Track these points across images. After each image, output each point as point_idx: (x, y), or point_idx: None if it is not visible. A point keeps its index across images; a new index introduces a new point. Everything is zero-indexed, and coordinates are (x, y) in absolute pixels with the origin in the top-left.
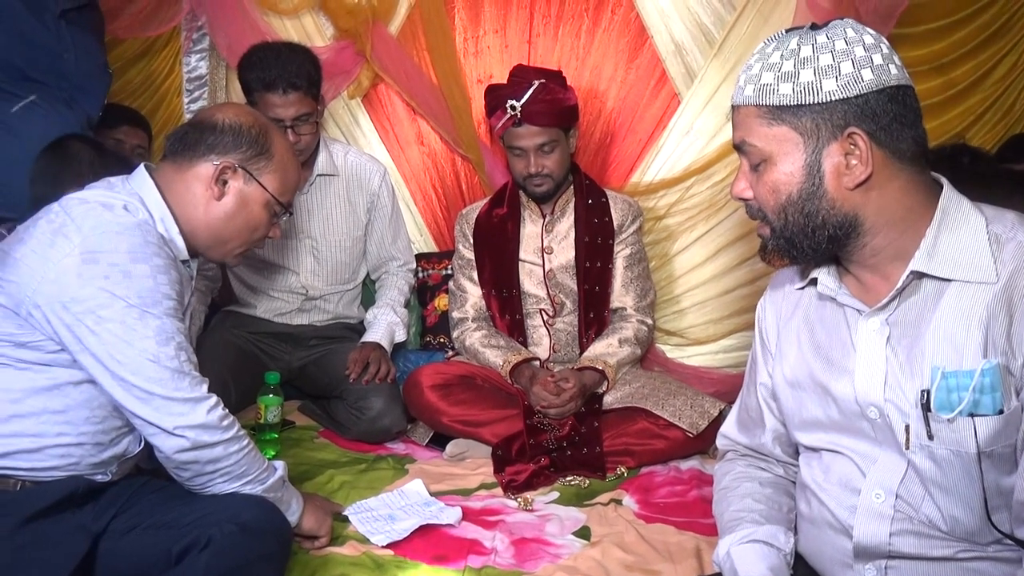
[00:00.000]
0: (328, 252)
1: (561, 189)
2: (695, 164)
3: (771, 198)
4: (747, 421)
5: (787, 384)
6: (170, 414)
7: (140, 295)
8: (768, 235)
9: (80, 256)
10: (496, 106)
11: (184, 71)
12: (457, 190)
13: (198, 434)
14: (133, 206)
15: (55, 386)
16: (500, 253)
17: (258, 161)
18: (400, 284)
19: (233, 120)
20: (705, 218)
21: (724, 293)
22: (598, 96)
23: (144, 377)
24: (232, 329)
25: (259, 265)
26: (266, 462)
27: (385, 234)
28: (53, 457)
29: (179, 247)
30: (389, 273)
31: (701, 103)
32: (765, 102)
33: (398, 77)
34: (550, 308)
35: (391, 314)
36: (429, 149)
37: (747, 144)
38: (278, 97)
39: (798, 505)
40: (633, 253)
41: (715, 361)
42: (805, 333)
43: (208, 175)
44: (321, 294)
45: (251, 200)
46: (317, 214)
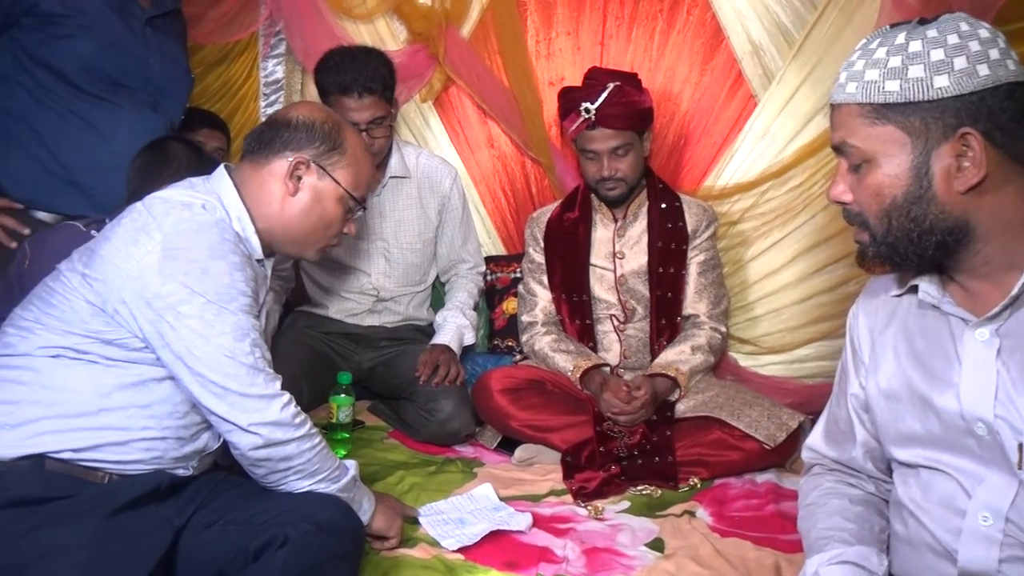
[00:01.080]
0: (399, 254)
1: (634, 193)
2: (771, 168)
3: (873, 202)
4: (836, 434)
5: (882, 395)
6: (244, 410)
7: (217, 291)
8: (867, 241)
9: (161, 253)
10: (570, 109)
11: (261, 75)
12: (527, 193)
13: (271, 431)
14: (211, 205)
15: (140, 382)
16: (571, 257)
17: (331, 156)
18: (469, 287)
19: (306, 116)
20: (781, 223)
21: (800, 301)
22: (672, 99)
23: (220, 373)
24: (305, 329)
25: (332, 266)
26: (338, 461)
27: (455, 236)
28: (139, 451)
29: (254, 246)
30: (458, 276)
31: (778, 106)
32: (869, 100)
33: (470, 80)
34: (621, 314)
35: (460, 317)
36: (499, 152)
37: (848, 145)
38: (353, 101)
39: (892, 525)
40: (707, 259)
41: (790, 371)
42: (903, 343)
43: (283, 171)
44: (392, 295)
45: (325, 195)
46: (389, 216)
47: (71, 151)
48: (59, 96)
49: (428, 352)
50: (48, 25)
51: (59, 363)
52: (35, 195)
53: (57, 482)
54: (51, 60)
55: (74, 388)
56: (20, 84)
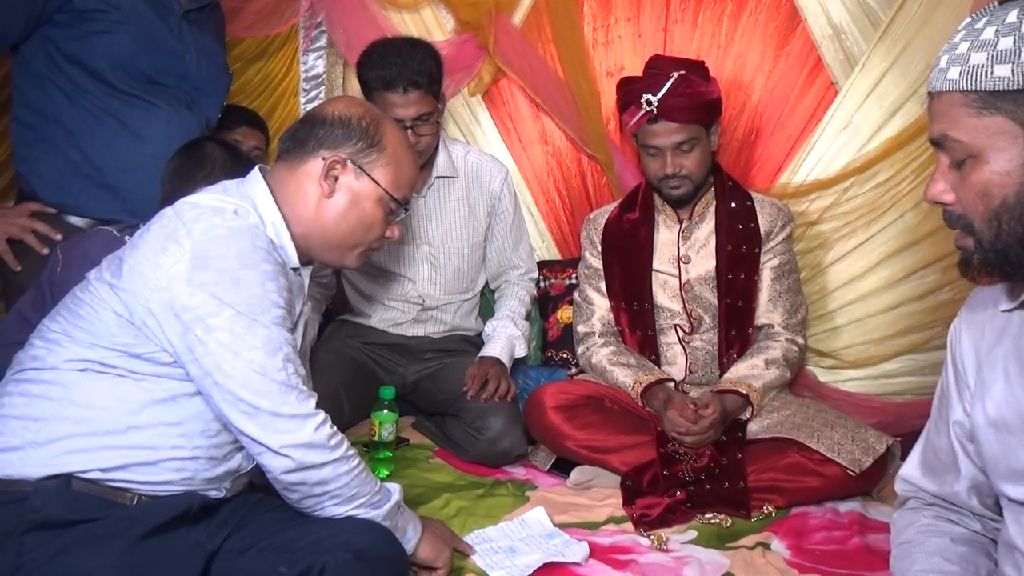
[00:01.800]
0: (446, 259)
1: (700, 191)
2: (854, 163)
3: (979, 202)
4: (935, 464)
5: (990, 425)
6: (276, 431)
7: (248, 302)
8: (972, 247)
9: (190, 262)
10: (629, 101)
11: (301, 70)
12: (583, 193)
13: (304, 453)
14: (243, 210)
15: (171, 398)
16: (631, 262)
17: (369, 154)
18: (521, 294)
19: (342, 112)
20: (865, 224)
21: (887, 310)
22: (742, 88)
23: (251, 390)
24: (346, 339)
25: (374, 272)
26: (379, 484)
27: (506, 240)
28: (169, 471)
29: (289, 254)
30: (509, 282)
31: (862, 94)
32: (975, 87)
33: (522, 71)
34: (686, 324)
35: (511, 327)
36: (553, 148)
37: (949, 138)
38: (398, 96)
39: (1002, 568)
40: (782, 263)
41: (875, 387)
42: (1015, 364)
43: (318, 171)
44: (438, 304)
45: (363, 196)
46: (435, 219)
47: (105, 152)
48: (93, 95)
49: (476, 365)
50: (82, 21)
51: (87, 377)
52: (68, 199)
53: (84, 503)
54: (85, 57)
55: (102, 405)
56: (54, 83)
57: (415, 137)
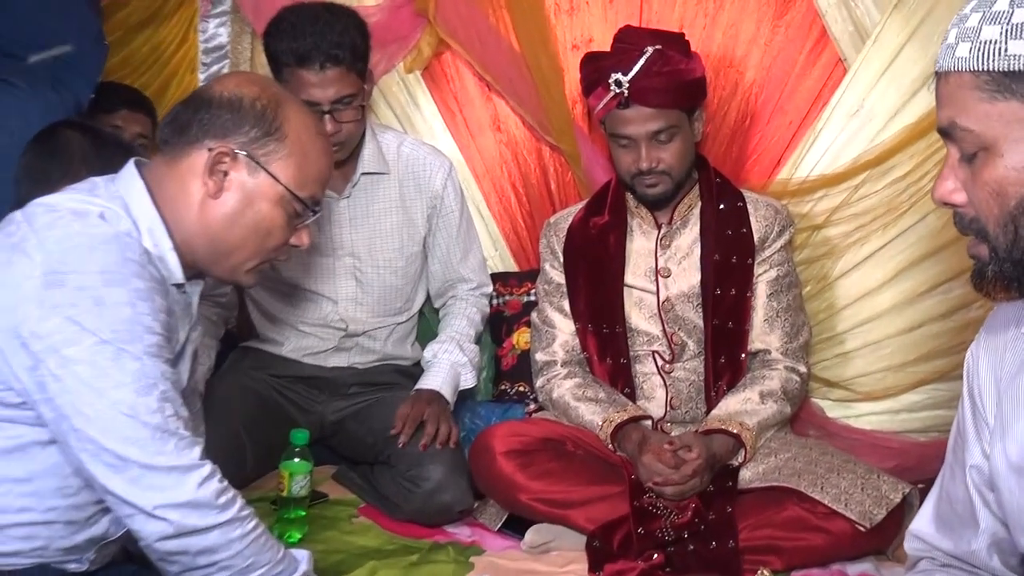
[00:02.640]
0: (375, 274)
1: (682, 190)
2: (867, 155)
3: (994, 203)
4: (950, 518)
5: (1011, 470)
6: (149, 488)
7: (115, 328)
8: (986, 256)
9: (42, 278)
10: (596, 81)
11: (200, 40)
12: (544, 190)
13: (184, 515)
14: (112, 213)
15: (18, 448)
16: (600, 276)
17: (265, 144)
18: (470, 312)
19: (233, 92)
20: (881, 228)
21: (908, 330)
22: (733, 65)
23: (117, 437)
24: (250, 371)
25: (285, 291)
26: (282, 551)
27: (452, 249)
28: (15, 539)
29: (171, 266)
30: (457, 298)
31: (875, 72)
32: (987, 67)
33: (469, 43)
34: (666, 350)
35: (456, 352)
36: (508, 137)
37: (959, 127)
38: (314, 74)
39: None
40: (780, 276)
41: (895, 424)
42: None
43: (202, 165)
44: (365, 329)
45: (258, 196)
46: (362, 224)
47: None
48: None
49: (410, 401)
50: None
51: None
52: None
53: None
54: None
55: None
56: None
57: (334, 125)
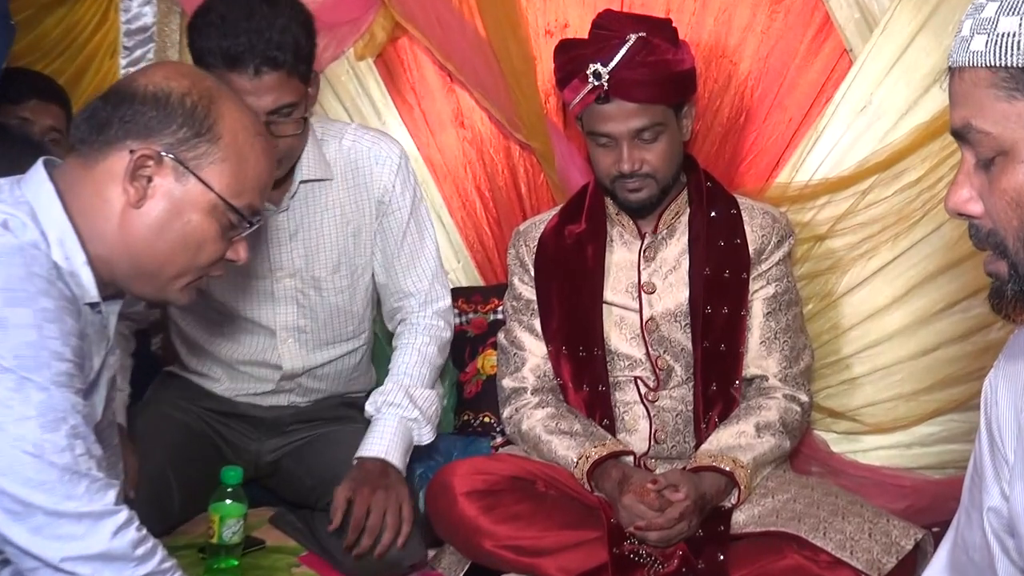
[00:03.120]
0: (319, 296)
1: (669, 195)
2: (875, 157)
3: (1013, 214)
4: (966, 567)
5: None
6: (56, 538)
7: (18, 354)
8: (1005, 273)
9: None
10: (572, 72)
11: (122, 20)
12: (513, 195)
13: (96, 569)
14: (17, 222)
15: None
16: (576, 291)
17: (196, 146)
18: (423, 345)
19: (160, 86)
20: (891, 239)
21: (921, 354)
22: (726, 55)
23: (19, 479)
24: (178, 400)
25: (213, 319)
26: None
27: (395, 253)
28: None
29: (84, 283)
30: (408, 324)
31: (885, 64)
32: (1005, 62)
33: (428, 27)
34: (651, 376)
35: (405, 403)
36: (472, 133)
37: (974, 129)
38: (247, 80)
39: None
40: (779, 293)
41: (907, 459)
42: None
43: (122, 170)
44: (307, 365)
45: (187, 205)
46: (303, 238)
47: None
48: None
49: (351, 483)
50: None
51: None
52: None
53: None
54: None
55: None
56: None
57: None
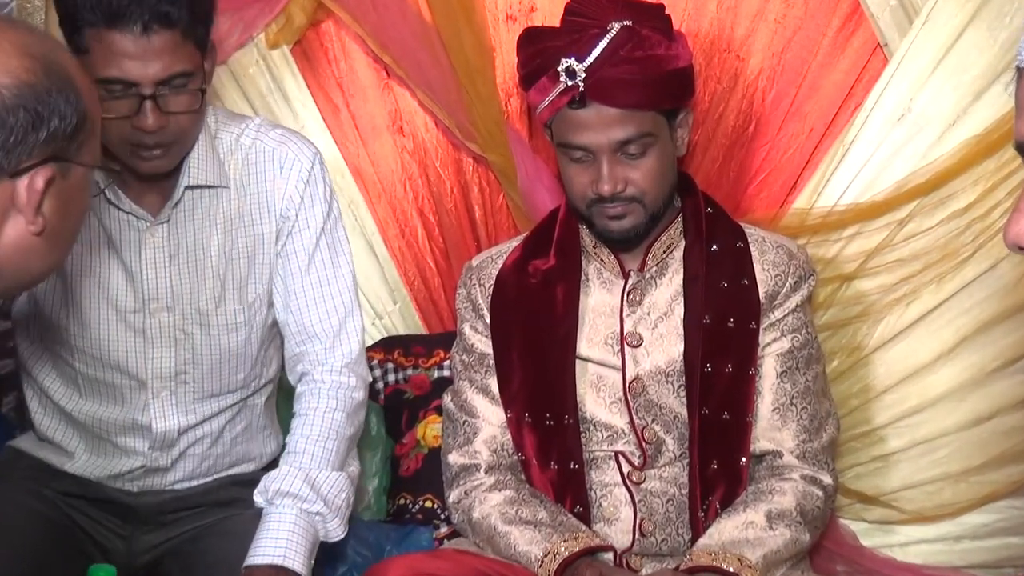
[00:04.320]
0: (204, 335)
1: (659, 224)
2: (916, 177)
3: None
4: None
5: None
6: None
7: None
8: None
9: None
10: (540, 68)
11: None
12: (465, 220)
13: None
14: None
15: None
16: (542, 344)
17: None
18: (325, 411)
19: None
20: (936, 279)
21: (973, 423)
22: (732, 49)
23: None
24: (29, 483)
25: (68, 366)
26: None
27: (302, 281)
28: None
29: None
30: (310, 381)
31: (928, 62)
32: None
33: (360, 10)
34: (636, 451)
35: (307, 494)
36: (414, 143)
37: None
38: (132, 40)
39: None
40: (796, 347)
41: (955, 555)
42: None
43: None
44: (188, 425)
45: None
46: (187, 261)
47: None
48: None
49: None
50: None
51: None
52: None
53: None
54: None
55: None
56: None
57: (159, 117)
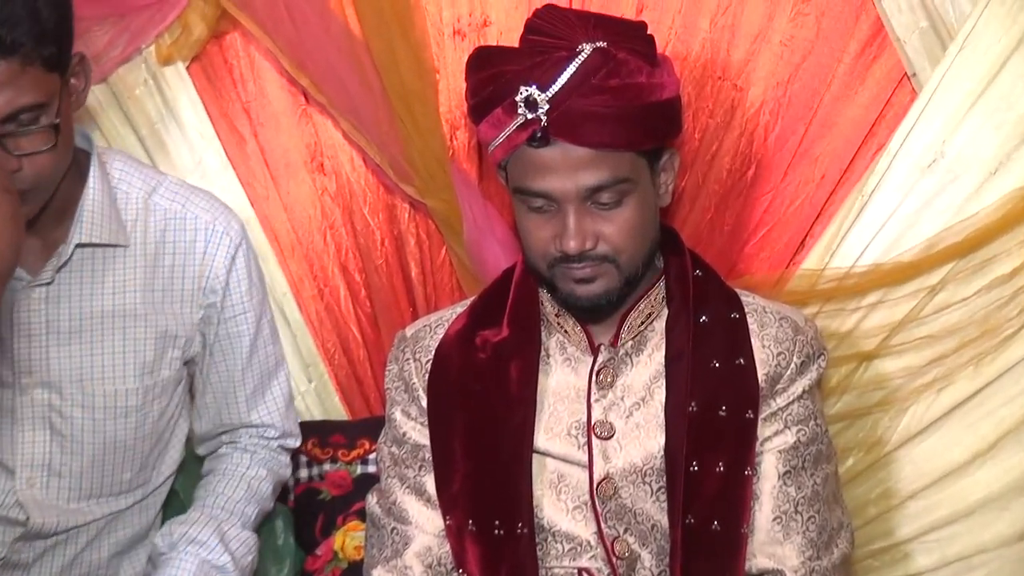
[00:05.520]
0: (87, 420)
1: (638, 290)
2: (950, 235)
3: None
4: None
5: None
6: None
7: None
8: None
9: None
10: (494, 97)
11: None
12: (398, 279)
13: None
14: None
15: None
16: (490, 433)
17: None
18: (254, 477)
19: None
20: (974, 361)
21: (1018, 537)
22: (728, 76)
23: None
24: None
25: None
26: None
27: (239, 378)
28: None
29: None
30: (239, 447)
31: (964, 98)
32: None
33: (273, 20)
34: (604, 567)
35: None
36: (337, 183)
37: None
38: None
39: None
40: (802, 443)
41: None
42: None
43: None
44: (61, 525)
45: None
46: (69, 330)
47: None
48: None
49: None
50: None
51: None
52: None
53: None
54: None
55: None
56: None
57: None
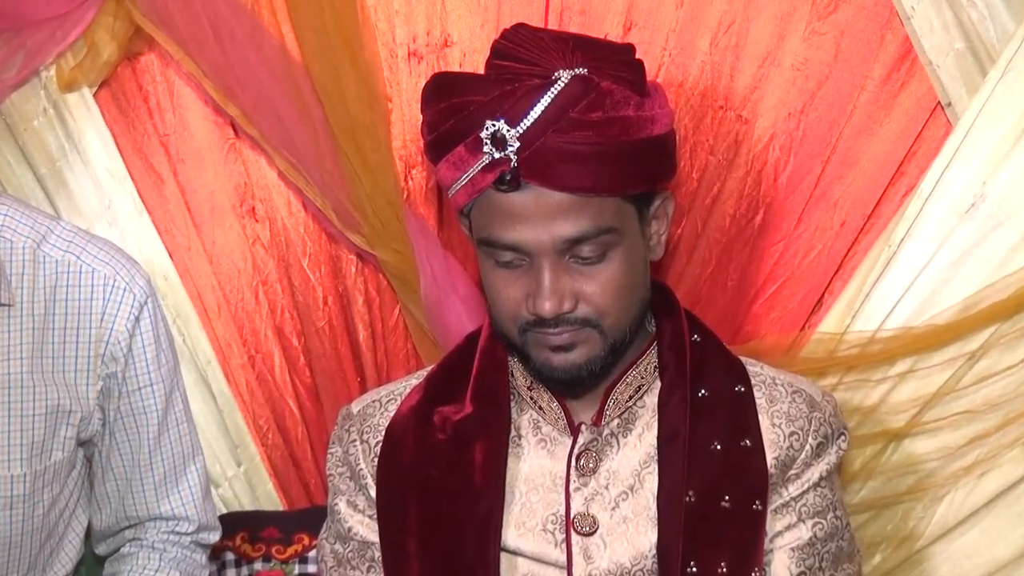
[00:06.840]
0: None
1: (626, 358)
2: (993, 294)
3: None
4: None
5: None
6: None
7: None
8: None
9: None
10: (456, 133)
11: None
12: (344, 345)
13: None
14: None
15: None
16: (451, 528)
17: None
18: None
19: None
20: (1020, 442)
21: None
22: (732, 106)
23: None
24: None
25: None
26: None
27: (144, 462)
28: None
29: None
30: (145, 545)
31: (1007, 132)
32: None
33: (195, 39)
34: None
35: None
36: (272, 231)
37: None
38: None
39: None
40: (819, 539)
41: None
42: None
43: None
44: None
45: None
46: None
47: None
48: None
49: None
50: None
51: None
52: None
53: None
54: None
55: None
56: None
57: None
